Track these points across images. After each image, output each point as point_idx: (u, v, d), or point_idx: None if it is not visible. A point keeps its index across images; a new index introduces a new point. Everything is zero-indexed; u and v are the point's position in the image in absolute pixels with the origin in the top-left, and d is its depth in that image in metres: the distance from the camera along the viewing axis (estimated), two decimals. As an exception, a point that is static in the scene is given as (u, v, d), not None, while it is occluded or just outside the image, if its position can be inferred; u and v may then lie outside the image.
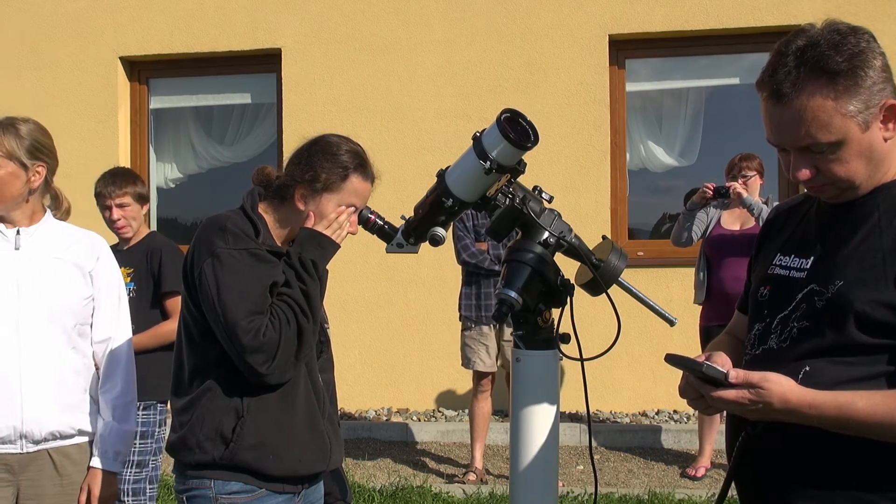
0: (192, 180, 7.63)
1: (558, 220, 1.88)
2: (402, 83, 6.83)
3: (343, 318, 6.58)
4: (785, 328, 1.65)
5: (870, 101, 1.54)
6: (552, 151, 6.44)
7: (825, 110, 1.53)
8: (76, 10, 7.29)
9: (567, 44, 6.67)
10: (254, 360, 2.09)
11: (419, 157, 6.64)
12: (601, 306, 1.95)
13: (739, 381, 1.55)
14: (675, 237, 5.44)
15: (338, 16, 6.93)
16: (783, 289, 1.70)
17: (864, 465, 1.55)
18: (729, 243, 5.20)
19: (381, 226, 2.29)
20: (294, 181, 2.26)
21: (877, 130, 1.57)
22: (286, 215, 2.31)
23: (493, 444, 6.05)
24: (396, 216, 2.13)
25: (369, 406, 6.85)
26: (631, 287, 1.94)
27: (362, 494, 4.98)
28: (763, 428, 1.63)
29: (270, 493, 2.20)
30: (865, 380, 1.54)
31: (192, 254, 2.20)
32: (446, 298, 6.02)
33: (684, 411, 6.44)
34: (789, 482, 1.62)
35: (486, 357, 5.30)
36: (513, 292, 1.79)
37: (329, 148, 2.28)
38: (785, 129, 1.59)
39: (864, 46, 1.55)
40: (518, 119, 1.83)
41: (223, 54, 7.17)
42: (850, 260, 1.60)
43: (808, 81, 1.53)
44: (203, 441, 2.15)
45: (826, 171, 1.59)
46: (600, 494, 4.94)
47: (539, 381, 1.85)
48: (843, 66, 1.52)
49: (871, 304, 1.53)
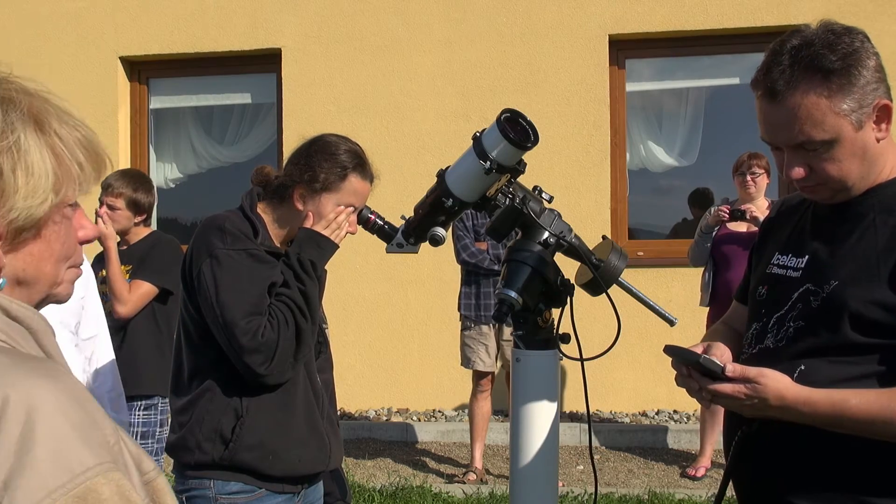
0: (192, 180, 7.63)
1: (558, 220, 1.88)
2: (402, 83, 6.83)
3: (343, 318, 6.58)
4: (781, 327, 1.66)
5: (863, 100, 1.54)
6: (552, 151, 6.44)
7: (819, 108, 1.54)
8: (76, 10, 7.28)
9: (567, 44, 6.67)
10: (252, 361, 2.09)
11: (419, 157, 6.64)
12: (601, 306, 1.95)
13: (736, 376, 1.56)
14: (694, 259, 5.34)
15: (338, 16, 6.93)
16: (779, 288, 1.70)
17: (860, 463, 1.56)
18: (736, 245, 5.16)
19: (381, 226, 2.29)
20: (293, 181, 2.26)
21: (870, 130, 1.57)
22: (285, 215, 2.30)
23: (493, 444, 6.05)
24: (396, 216, 2.13)
25: (369, 406, 6.85)
26: (631, 287, 1.94)
27: (362, 494, 4.98)
28: (759, 425, 1.63)
29: (270, 493, 2.20)
30: (860, 379, 1.54)
31: (190, 254, 2.20)
32: (446, 298, 6.02)
33: (684, 411, 6.44)
34: (786, 480, 1.62)
35: (486, 357, 5.30)
36: (513, 292, 1.79)
37: (328, 148, 2.28)
38: (779, 127, 1.60)
39: (858, 46, 1.56)
40: (518, 119, 1.83)
41: (223, 54, 7.17)
42: (845, 260, 1.61)
43: (802, 80, 1.54)
44: (202, 441, 2.15)
45: (819, 171, 1.60)
46: (600, 494, 4.94)
47: (539, 381, 1.85)
48: (837, 64, 1.53)
49: (865, 304, 1.54)
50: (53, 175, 1.01)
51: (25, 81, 1.05)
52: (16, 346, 0.99)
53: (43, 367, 0.94)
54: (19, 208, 0.98)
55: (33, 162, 0.99)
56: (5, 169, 0.97)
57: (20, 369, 0.92)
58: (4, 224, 0.98)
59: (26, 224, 1.00)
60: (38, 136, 1.01)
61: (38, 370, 0.93)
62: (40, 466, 0.86)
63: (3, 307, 0.99)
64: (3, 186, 0.98)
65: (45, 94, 1.05)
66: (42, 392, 0.90)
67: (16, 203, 0.98)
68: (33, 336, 1.01)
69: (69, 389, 0.93)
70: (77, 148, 1.05)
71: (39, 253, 1.04)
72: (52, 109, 1.04)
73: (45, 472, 0.86)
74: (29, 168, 0.99)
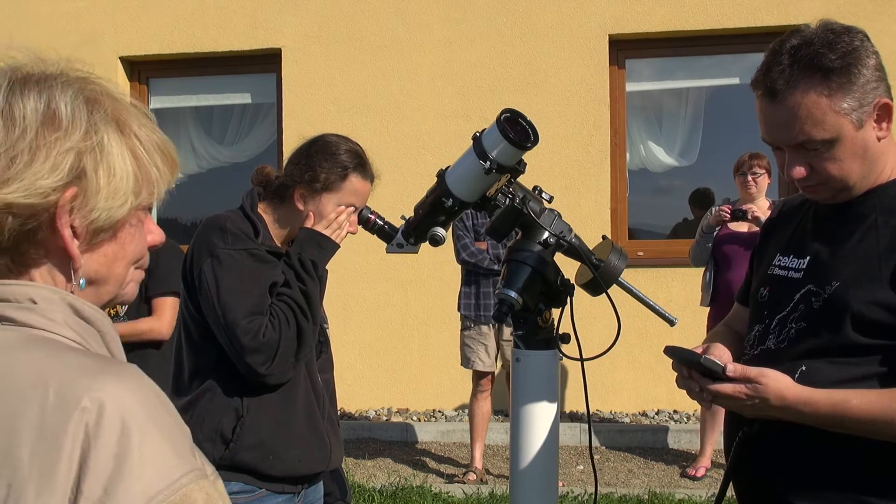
0: (192, 180, 7.62)
1: (558, 220, 1.87)
2: (402, 83, 6.83)
3: (343, 318, 6.58)
4: (783, 329, 1.66)
5: (863, 98, 1.54)
6: (552, 151, 6.44)
7: (819, 107, 1.54)
8: (76, 10, 7.29)
9: (567, 44, 6.67)
10: (254, 361, 2.09)
11: (419, 157, 6.64)
12: (601, 306, 1.95)
13: (737, 376, 1.56)
14: (695, 259, 5.32)
15: (338, 16, 6.93)
16: (781, 289, 1.70)
17: (861, 464, 1.56)
18: (737, 245, 5.15)
19: (381, 226, 2.29)
20: (293, 181, 2.26)
21: (870, 129, 1.57)
22: (285, 215, 2.31)
23: (493, 444, 6.05)
24: (396, 216, 2.13)
25: (369, 406, 6.85)
26: (631, 287, 1.94)
27: (362, 494, 4.98)
28: (761, 426, 1.63)
29: (270, 493, 2.20)
30: (862, 380, 1.54)
31: (191, 254, 2.20)
32: (446, 298, 6.02)
33: (684, 411, 6.44)
34: (787, 480, 1.62)
35: (485, 356, 5.30)
36: (513, 292, 1.79)
37: (328, 147, 2.28)
38: (779, 127, 1.59)
39: (858, 45, 1.56)
40: (518, 119, 1.83)
41: (223, 54, 7.16)
42: (847, 261, 1.61)
43: (802, 79, 1.54)
44: (203, 441, 2.15)
45: (820, 170, 1.59)
46: (600, 494, 4.94)
47: (539, 381, 1.85)
48: (837, 63, 1.53)
49: (866, 304, 1.54)
50: (134, 177, 1.01)
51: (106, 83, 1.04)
52: (89, 349, 0.98)
53: (126, 371, 0.94)
54: (100, 209, 0.98)
55: (115, 163, 0.99)
56: (88, 169, 0.97)
57: (106, 372, 0.92)
58: (85, 224, 0.98)
59: (105, 225, 1.00)
60: (119, 138, 1.00)
61: (123, 373, 0.93)
62: (140, 472, 0.86)
63: (77, 308, 0.99)
64: (86, 186, 0.97)
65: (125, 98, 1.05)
66: (131, 396, 0.90)
67: (97, 204, 0.98)
68: (102, 338, 1.01)
69: (155, 394, 0.93)
70: (155, 151, 1.05)
71: (114, 254, 1.04)
72: (132, 112, 1.04)
73: (144, 478, 0.86)
74: (111, 169, 0.99)
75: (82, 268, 1.00)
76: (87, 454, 0.85)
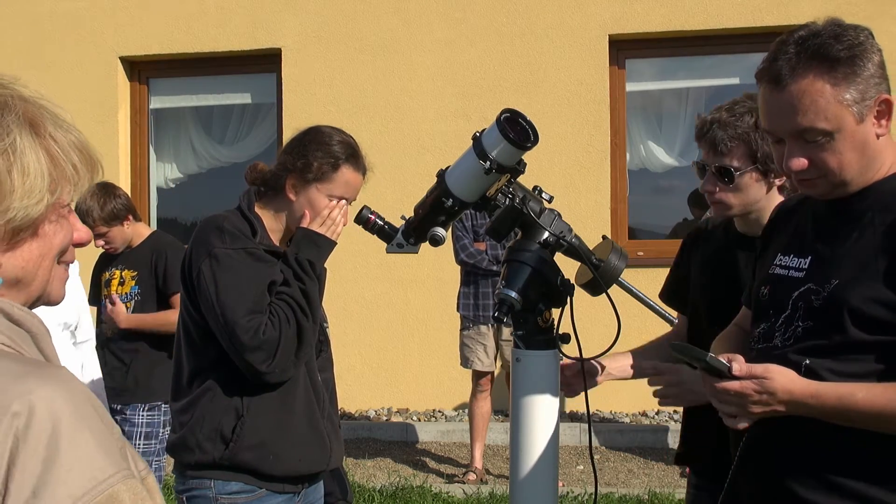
0: (192, 180, 7.63)
1: (558, 220, 1.88)
2: (402, 83, 6.83)
3: (343, 318, 6.57)
4: (788, 327, 1.66)
5: (866, 92, 1.55)
6: (552, 151, 6.43)
7: (823, 95, 1.55)
8: (76, 10, 7.28)
9: (567, 44, 6.67)
10: (254, 359, 2.09)
11: (419, 157, 6.64)
12: (601, 306, 1.95)
13: (743, 374, 1.56)
14: None
15: (338, 16, 6.93)
16: (782, 288, 1.71)
17: (868, 459, 1.56)
18: None
19: (381, 226, 2.28)
20: (286, 169, 2.27)
21: (870, 125, 1.58)
22: (281, 207, 2.31)
23: (493, 444, 6.05)
24: (396, 216, 2.13)
25: (369, 406, 6.85)
26: (631, 287, 1.94)
27: (362, 494, 4.98)
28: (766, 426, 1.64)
29: (270, 493, 2.20)
30: (865, 376, 1.55)
31: (189, 254, 2.21)
32: (446, 298, 6.01)
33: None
34: (794, 476, 1.62)
35: (485, 356, 5.30)
36: (513, 292, 1.79)
37: (321, 137, 2.29)
38: (781, 114, 1.60)
39: (864, 40, 1.57)
40: (518, 119, 1.83)
41: (223, 54, 7.16)
42: (845, 258, 1.62)
43: (808, 67, 1.55)
44: (203, 441, 2.15)
45: (819, 162, 1.60)
46: (600, 494, 4.94)
47: (539, 381, 1.85)
48: (844, 53, 1.54)
49: (865, 301, 1.55)
50: (49, 176, 1.03)
51: (21, 87, 1.07)
52: (21, 352, 1.00)
53: (57, 374, 0.96)
54: (16, 208, 1.00)
55: (29, 163, 1.01)
56: (2, 170, 0.99)
57: (36, 376, 0.93)
58: (2, 224, 1.00)
59: (23, 224, 1.02)
60: (33, 139, 1.03)
61: (54, 377, 0.95)
62: (66, 475, 0.88)
63: (5, 311, 1.00)
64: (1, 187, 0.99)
65: (40, 100, 1.08)
66: (61, 399, 0.91)
67: (12, 203, 1.00)
68: (33, 340, 1.03)
69: (85, 396, 0.95)
70: (72, 150, 1.07)
71: (38, 250, 1.06)
72: (46, 114, 1.07)
73: (71, 480, 0.88)
74: (25, 169, 1.01)
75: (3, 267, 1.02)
76: (14, 457, 0.87)
